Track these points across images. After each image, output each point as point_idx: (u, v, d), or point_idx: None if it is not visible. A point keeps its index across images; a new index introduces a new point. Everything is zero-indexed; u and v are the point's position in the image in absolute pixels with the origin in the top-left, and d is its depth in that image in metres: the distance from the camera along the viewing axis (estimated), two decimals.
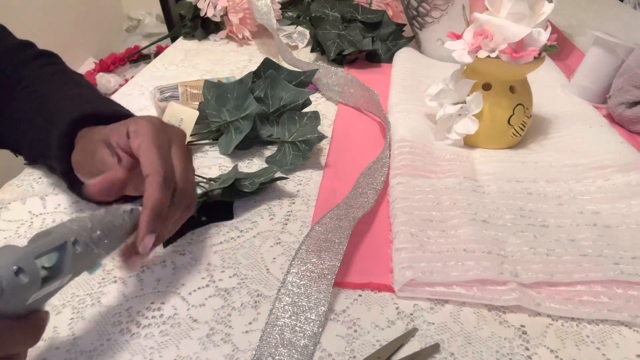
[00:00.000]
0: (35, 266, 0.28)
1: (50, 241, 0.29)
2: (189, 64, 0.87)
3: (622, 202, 0.49)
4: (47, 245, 0.29)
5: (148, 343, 0.37)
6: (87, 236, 0.32)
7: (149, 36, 2.07)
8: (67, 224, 0.32)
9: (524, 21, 0.53)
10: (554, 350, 0.37)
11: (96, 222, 0.33)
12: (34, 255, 0.28)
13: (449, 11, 0.78)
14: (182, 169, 0.40)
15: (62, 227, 0.31)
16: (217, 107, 0.60)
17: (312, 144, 0.56)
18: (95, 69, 1.76)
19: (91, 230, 0.33)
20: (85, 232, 0.32)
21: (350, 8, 0.87)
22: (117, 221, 0.35)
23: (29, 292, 0.28)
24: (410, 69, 0.77)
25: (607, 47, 0.68)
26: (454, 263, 0.42)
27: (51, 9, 1.69)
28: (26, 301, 0.28)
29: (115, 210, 0.36)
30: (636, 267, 0.41)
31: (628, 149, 0.56)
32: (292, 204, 0.52)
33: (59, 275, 0.30)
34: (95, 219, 0.34)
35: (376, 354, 0.36)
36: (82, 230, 0.32)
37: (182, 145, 0.42)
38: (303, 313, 0.39)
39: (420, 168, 0.53)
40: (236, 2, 0.93)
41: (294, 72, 0.65)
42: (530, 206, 0.49)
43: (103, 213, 0.35)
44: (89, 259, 0.32)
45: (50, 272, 0.29)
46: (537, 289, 0.41)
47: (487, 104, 0.56)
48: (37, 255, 0.28)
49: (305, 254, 0.42)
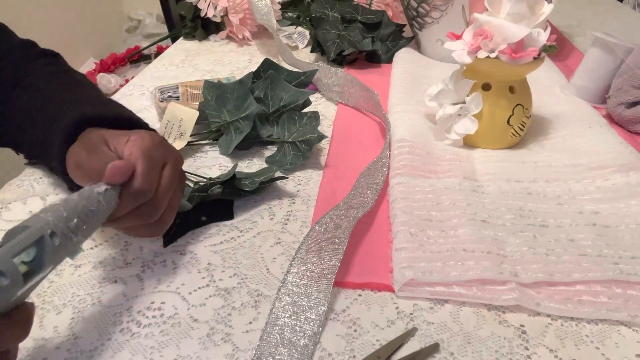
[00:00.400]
0: (14, 266, 0.27)
1: (26, 237, 0.28)
2: (189, 64, 0.87)
3: (621, 202, 0.49)
4: (24, 242, 0.28)
5: (148, 342, 0.37)
6: (64, 226, 0.31)
7: (150, 36, 2.07)
8: (41, 216, 0.30)
9: (524, 21, 0.53)
10: (554, 350, 0.37)
11: (71, 209, 0.32)
12: (11, 255, 0.27)
13: (449, 12, 0.78)
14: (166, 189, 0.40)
15: (37, 219, 0.30)
16: (217, 107, 0.60)
17: (312, 144, 0.57)
18: (95, 69, 1.76)
19: (67, 219, 0.31)
20: (61, 223, 0.31)
21: (350, 8, 0.87)
22: (93, 205, 0.34)
23: (12, 292, 0.27)
24: (410, 69, 0.78)
25: (607, 48, 0.68)
26: (454, 263, 0.42)
27: (52, 10, 1.69)
28: (10, 300, 0.28)
29: (89, 193, 0.34)
30: (635, 267, 0.41)
31: (627, 149, 0.56)
32: (292, 203, 0.52)
33: (40, 269, 0.29)
34: (70, 206, 0.32)
35: (376, 353, 0.36)
36: (58, 220, 0.31)
37: (175, 168, 0.42)
38: (303, 313, 0.39)
39: (420, 168, 0.53)
40: (236, 2, 0.93)
41: (293, 73, 0.65)
42: (530, 206, 0.49)
43: (77, 198, 0.33)
44: (68, 247, 0.32)
45: (31, 267, 0.29)
46: (537, 288, 0.41)
47: (486, 104, 0.57)
48: (15, 254, 0.28)
49: (305, 253, 0.42)
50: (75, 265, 0.44)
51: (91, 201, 0.34)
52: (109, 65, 1.78)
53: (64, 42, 1.70)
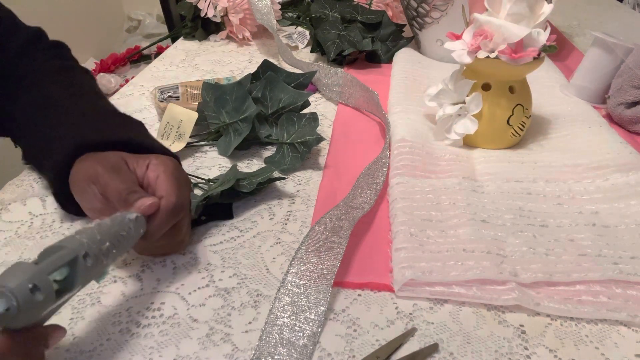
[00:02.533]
0: (50, 283, 0.29)
1: (61, 256, 0.30)
2: (189, 64, 0.87)
3: (621, 202, 0.49)
4: (59, 260, 0.30)
5: (148, 343, 0.37)
6: (96, 248, 0.33)
7: (150, 36, 2.07)
8: (76, 237, 0.32)
9: (524, 22, 0.53)
10: (553, 349, 0.37)
11: (104, 233, 0.34)
12: (47, 272, 0.29)
13: (449, 12, 0.78)
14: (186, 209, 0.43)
15: (72, 240, 0.32)
16: (216, 108, 0.60)
17: (310, 145, 0.56)
18: (95, 69, 1.76)
19: (100, 242, 0.33)
20: (94, 245, 0.33)
21: (350, 9, 0.87)
22: (124, 230, 0.36)
23: (44, 307, 0.29)
24: (410, 70, 0.78)
25: (607, 48, 0.68)
26: (454, 263, 0.42)
27: (52, 9, 1.69)
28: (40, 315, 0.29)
29: (121, 219, 0.36)
30: (635, 266, 0.41)
31: (627, 149, 0.56)
32: (292, 204, 0.52)
33: (71, 288, 0.31)
34: (103, 230, 0.34)
35: (375, 353, 0.36)
36: (92, 242, 0.32)
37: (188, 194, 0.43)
38: (302, 313, 0.39)
39: (419, 168, 0.53)
40: (236, 2, 0.93)
41: (292, 74, 0.65)
42: (530, 206, 0.49)
43: (109, 222, 0.35)
44: (97, 270, 0.33)
45: (62, 286, 0.30)
46: (536, 288, 0.41)
47: (486, 104, 0.57)
48: (50, 272, 0.29)
49: (305, 254, 0.42)
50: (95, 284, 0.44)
51: (123, 227, 0.36)
52: (109, 65, 1.78)
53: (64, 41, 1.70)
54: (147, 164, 0.41)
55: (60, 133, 0.45)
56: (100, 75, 1.70)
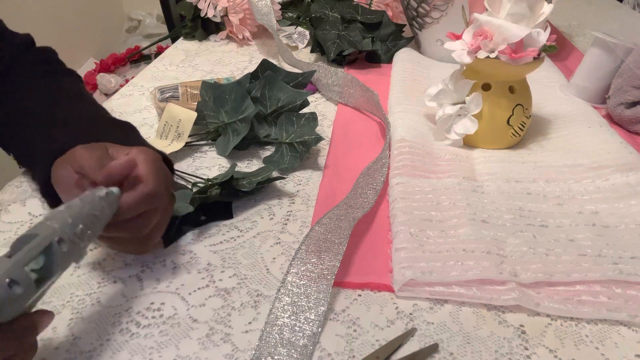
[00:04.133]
0: (27, 275, 0.28)
1: (35, 245, 0.30)
2: (189, 64, 0.87)
3: (621, 202, 0.49)
4: (33, 250, 0.29)
5: (148, 343, 0.37)
6: (70, 232, 0.32)
7: (150, 36, 2.07)
8: (47, 224, 0.31)
9: (524, 22, 0.53)
10: (553, 350, 0.37)
11: (75, 215, 0.33)
12: (23, 264, 0.28)
13: (449, 12, 0.78)
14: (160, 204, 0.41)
15: (43, 227, 0.31)
16: (214, 108, 0.60)
17: (309, 145, 0.56)
18: (95, 69, 1.76)
19: (72, 225, 0.32)
20: (67, 229, 0.32)
21: (350, 9, 0.87)
22: (96, 210, 0.35)
23: (26, 299, 0.29)
24: (410, 70, 0.78)
25: (606, 48, 0.68)
26: (454, 263, 0.42)
27: (52, 10, 1.69)
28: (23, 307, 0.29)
29: (91, 198, 0.35)
30: (635, 267, 0.41)
31: (627, 149, 0.56)
32: (291, 204, 0.52)
33: (50, 276, 0.30)
34: (74, 212, 0.33)
35: (375, 353, 0.36)
36: (64, 227, 0.32)
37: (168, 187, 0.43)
38: (302, 313, 0.39)
39: (419, 168, 0.53)
40: (236, 2, 0.93)
41: (291, 73, 0.65)
42: (530, 206, 0.49)
43: (80, 203, 0.34)
44: (74, 253, 0.32)
45: (40, 274, 0.30)
46: (536, 288, 0.41)
47: (486, 104, 0.57)
48: (26, 263, 0.29)
49: (305, 254, 0.42)
50: (75, 265, 0.44)
51: (94, 206, 0.35)
52: (109, 65, 1.78)
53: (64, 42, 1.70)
54: (126, 153, 0.41)
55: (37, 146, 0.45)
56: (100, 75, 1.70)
